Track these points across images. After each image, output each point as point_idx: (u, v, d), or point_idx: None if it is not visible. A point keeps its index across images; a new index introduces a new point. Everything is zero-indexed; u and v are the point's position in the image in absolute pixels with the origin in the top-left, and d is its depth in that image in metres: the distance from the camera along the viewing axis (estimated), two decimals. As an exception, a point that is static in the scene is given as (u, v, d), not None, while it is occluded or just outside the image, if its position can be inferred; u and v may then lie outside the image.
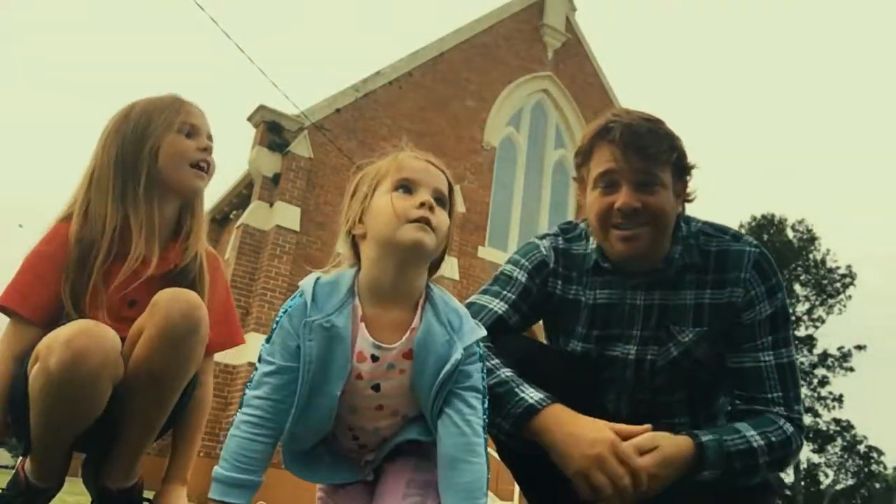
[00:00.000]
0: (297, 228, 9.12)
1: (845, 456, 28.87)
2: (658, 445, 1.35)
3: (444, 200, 1.26)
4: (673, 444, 1.38)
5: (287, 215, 9.08)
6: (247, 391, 1.22)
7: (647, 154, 1.47)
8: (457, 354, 1.20)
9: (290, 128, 9.54)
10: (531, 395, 1.40)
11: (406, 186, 1.23)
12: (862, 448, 28.71)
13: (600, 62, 13.19)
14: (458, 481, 1.16)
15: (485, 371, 1.27)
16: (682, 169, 1.55)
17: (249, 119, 9.65)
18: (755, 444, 1.43)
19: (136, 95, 1.63)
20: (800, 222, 29.54)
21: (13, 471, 1.53)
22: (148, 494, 1.54)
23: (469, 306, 1.58)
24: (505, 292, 1.63)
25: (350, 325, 1.21)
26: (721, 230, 1.60)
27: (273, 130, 9.47)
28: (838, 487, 28.93)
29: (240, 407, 1.21)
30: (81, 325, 1.30)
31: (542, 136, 12.48)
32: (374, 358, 1.21)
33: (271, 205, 9.17)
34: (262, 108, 9.43)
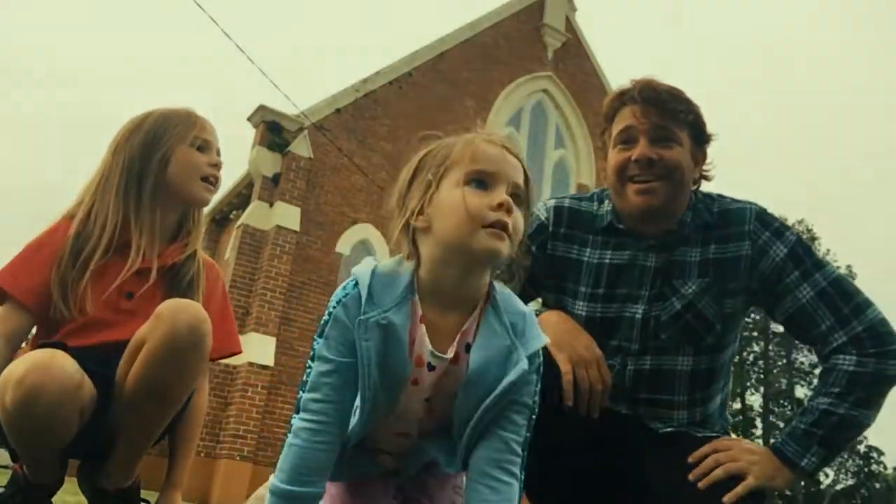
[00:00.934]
0: (297, 228, 9.11)
1: (845, 456, 28.88)
2: (749, 474, 1.40)
3: (520, 196, 1.10)
4: (760, 465, 1.42)
5: (287, 215, 9.08)
6: (302, 394, 1.09)
7: (664, 109, 1.50)
8: (518, 370, 1.08)
9: (290, 128, 9.53)
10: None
11: (481, 180, 1.07)
12: (862, 448, 28.74)
13: (600, 62, 13.20)
14: (486, 499, 1.06)
15: (539, 385, 1.14)
16: (700, 135, 1.57)
17: (249, 119, 9.65)
18: (822, 406, 1.44)
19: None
20: (799, 222, 29.60)
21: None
22: (146, 495, 1.54)
23: None
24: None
25: (408, 324, 1.08)
26: (720, 195, 1.64)
27: (273, 130, 9.46)
28: (838, 487, 28.97)
29: (296, 412, 1.09)
30: (35, 359, 1.27)
31: (541, 136, 12.48)
32: (430, 367, 1.10)
33: (271, 205, 9.17)
34: (262, 108, 9.43)
